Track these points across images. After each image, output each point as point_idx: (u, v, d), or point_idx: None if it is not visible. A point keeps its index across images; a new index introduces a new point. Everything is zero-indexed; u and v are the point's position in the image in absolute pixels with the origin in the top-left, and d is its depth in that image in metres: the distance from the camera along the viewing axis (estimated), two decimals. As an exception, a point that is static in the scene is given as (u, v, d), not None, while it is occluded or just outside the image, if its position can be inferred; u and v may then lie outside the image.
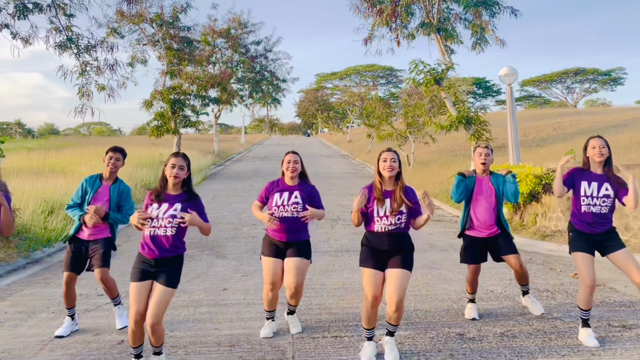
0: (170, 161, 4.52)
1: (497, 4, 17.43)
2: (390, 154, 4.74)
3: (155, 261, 4.35)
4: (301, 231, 5.32)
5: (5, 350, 5.16)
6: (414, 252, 4.75)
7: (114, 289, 5.70)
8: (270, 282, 5.24)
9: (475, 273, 5.84)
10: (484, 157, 5.68)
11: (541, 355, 4.65)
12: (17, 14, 10.47)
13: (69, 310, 5.64)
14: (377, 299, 4.59)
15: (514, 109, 14.34)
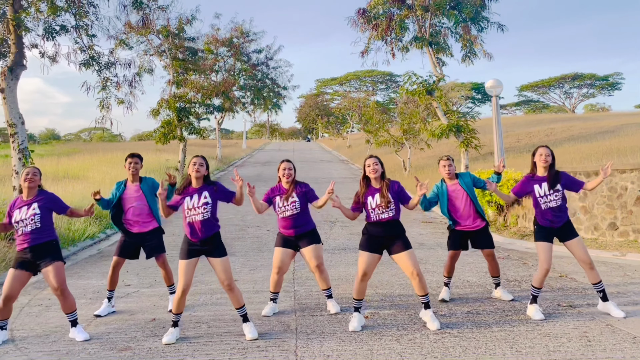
0: (192, 161, 5.74)
1: (485, 19, 18.56)
2: (372, 159, 5.97)
3: (200, 241, 5.56)
4: (307, 223, 6.43)
5: (58, 326, 6.25)
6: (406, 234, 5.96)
7: (172, 276, 6.83)
8: (277, 266, 6.38)
9: (453, 259, 6.95)
10: (447, 167, 6.82)
11: (496, 326, 5.75)
12: (46, 36, 11.65)
13: (109, 292, 6.75)
14: (366, 275, 5.83)
15: (499, 118, 15.42)
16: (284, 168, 6.45)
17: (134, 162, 6.77)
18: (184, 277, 5.49)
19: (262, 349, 5.25)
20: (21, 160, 11.27)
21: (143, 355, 5.15)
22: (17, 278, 5.63)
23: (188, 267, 5.53)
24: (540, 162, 6.21)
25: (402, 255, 5.80)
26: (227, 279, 5.58)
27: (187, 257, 5.56)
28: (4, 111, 11.31)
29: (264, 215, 15.29)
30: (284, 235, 6.48)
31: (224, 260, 5.63)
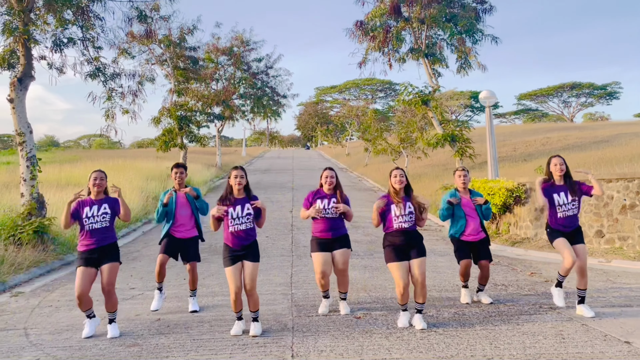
0: (233, 173, 6.21)
1: (480, 32, 19.06)
2: (399, 171, 6.42)
3: (241, 248, 6.03)
4: (341, 227, 6.87)
5: (69, 325, 6.65)
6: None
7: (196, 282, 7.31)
8: (321, 271, 6.74)
9: (467, 266, 7.32)
10: (463, 177, 7.28)
11: (479, 325, 6.17)
12: (55, 48, 12.10)
13: (158, 283, 7.27)
14: (407, 285, 6.17)
15: (492, 128, 15.85)
16: (326, 176, 6.87)
17: (179, 172, 7.26)
18: (233, 282, 5.99)
19: (261, 345, 5.65)
20: (29, 168, 11.67)
21: (150, 351, 5.55)
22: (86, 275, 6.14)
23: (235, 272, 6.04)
24: (555, 171, 6.68)
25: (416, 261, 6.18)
26: (253, 282, 6.04)
27: (231, 264, 6.03)
28: (13, 120, 11.72)
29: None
30: (319, 239, 6.83)
31: (256, 265, 6.15)
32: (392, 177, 6.39)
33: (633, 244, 10.73)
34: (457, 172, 7.45)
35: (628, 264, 9.90)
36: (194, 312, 7.13)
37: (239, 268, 6.04)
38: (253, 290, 6.05)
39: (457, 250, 7.38)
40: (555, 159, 6.80)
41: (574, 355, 5.12)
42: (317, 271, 6.81)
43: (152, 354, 5.45)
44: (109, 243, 6.34)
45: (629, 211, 10.88)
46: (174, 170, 7.28)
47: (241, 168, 6.31)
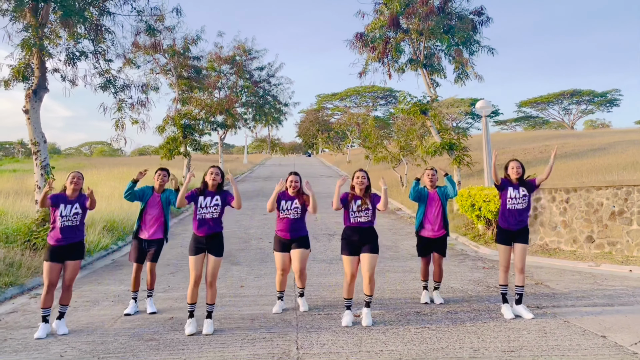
0: (210, 170, 6.88)
1: (477, 43, 19.62)
2: (361, 173, 7.13)
3: (205, 238, 6.60)
4: (301, 229, 7.43)
5: (89, 322, 7.16)
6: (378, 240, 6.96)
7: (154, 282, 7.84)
8: (281, 268, 7.39)
9: (426, 264, 8.02)
10: (431, 176, 7.95)
11: (469, 322, 6.67)
12: (68, 61, 12.68)
13: (133, 293, 7.72)
14: (354, 276, 6.82)
15: (488, 137, 16.37)
16: (290, 180, 7.49)
17: (162, 175, 7.84)
18: (194, 271, 6.61)
19: (268, 339, 6.16)
20: (43, 176, 12.21)
21: (167, 345, 6.06)
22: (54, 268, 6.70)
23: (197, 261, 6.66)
24: (512, 174, 7.30)
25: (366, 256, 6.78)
26: (213, 276, 6.66)
27: (195, 253, 6.66)
28: (28, 130, 12.27)
29: (266, 227, 16.25)
30: (280, 238, 7.47)
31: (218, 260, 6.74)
32: (354, 179, 7.13)
33: (621, 248, 11.22)
34: (426, 171, 8.13)
35: (616, 268, 10.37)
36: (152, 313, 7.60)
37: (202, 258, 6.64)
38: (214, 283, 6.65)
39: (417, 246, 8.04)
40: (512, 163, 7.44)
41: (552, 347, 5.62)
42: (278, 267, 7.44)
43: (168, 347, 5.95)
44: (77, 241, 6.91)
45: (617, 217, 11.37)
46: (158, 172, 7.86)
47: (218, 167, 6.96)
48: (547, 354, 5.40)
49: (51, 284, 6.67)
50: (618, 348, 5.56)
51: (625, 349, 5.53)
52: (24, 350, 5.99)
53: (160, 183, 7.82)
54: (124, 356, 5.69)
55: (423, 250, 7.98)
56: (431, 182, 7.97)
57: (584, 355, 5.34)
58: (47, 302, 6.68)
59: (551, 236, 12.71)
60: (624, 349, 5.52)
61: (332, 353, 5.61)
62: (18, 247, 11.15)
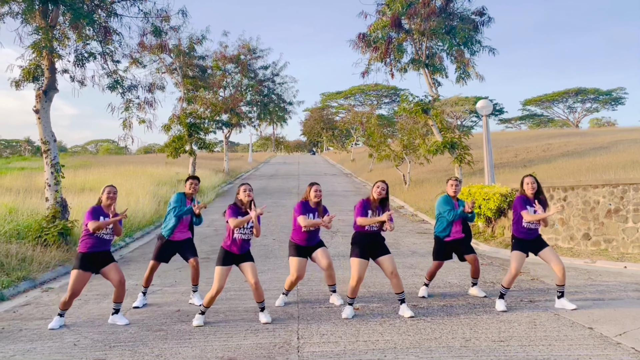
0: (242, 188, 6.95)
1: (478, 43, 19.87)
2: (382, 184, 7.24)
3: (240, 254, 6.83)
4: (318, 237, 7.73)
5: (100, 314, 7.49)
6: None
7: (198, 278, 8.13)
8: (298, 275, 7.55)
9: (437, 268, 8.22)
10: (454, 187, 8.12)
11: (464, 315, 6.97)
12: (77, 62, 13.02)
13: (144, 288, 8.04)
14: (361, 279, 7.01)
15: (489, 137, 16.63)
16: (315, 190, 7.58)
17: (194, 184, 8.12)
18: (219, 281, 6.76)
19: (271, 330, 6.48)
20: (53, 174, 12.54)
21: (174, 335, 6.38)
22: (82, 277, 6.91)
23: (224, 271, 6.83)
24: (527, 190, 7.44)
25: (386, 257, 7.04)
26: (256, 276, 6.84)
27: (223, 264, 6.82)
28: (38, 130, 12.62)
29: (269, 225, 16.56)
30: (298, 245, 7.62)
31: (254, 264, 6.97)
32: (374, 188, 7.24)
33: (617, 245, 11.48)
34: (450, 181, 8.27)
35: (611, 264, 10.63)
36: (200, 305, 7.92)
37: (229, 270, 6.84)
38: (259, 284, 6.85)
39: (437, 250, 8.20)
40: (527, 179, 7.52)
41: (541, 337, 5.91)
42: (293, 274, 7.57)
43: (176, 337, 6.27)
44: (106, 249, 7.14)
45: (613, 215, 11.62)
46: (190, 181, 8.12)
47: (248, 184, 7.11)
48: (534, 344, 5.69)
49: (74, 293, 6.84)
50: (603, 339, 5.84)
51: (610, 339, 5.81)
52: (38, 340, 6.32)
53: (192, 192, 8.08)
54: (134, 345, 6.01)
55: (440, 254, 8.15)
56: (454, 192, 8.12)
57: (570, 345, 5.62)
58: (66, 306, 6.95)
59: (549, 234, 12.96)
60: (608, 340, 5.80)
61: (331, 342, 5.92)
62: (29, 242, 11.49)
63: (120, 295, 7.04)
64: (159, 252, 8.00)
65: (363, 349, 5.67)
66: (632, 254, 11.09)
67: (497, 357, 5.29)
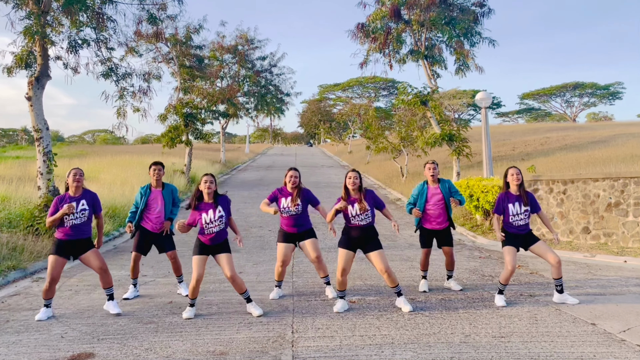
0: (204, 179, 6.72)
1: (478, 34, 19.63)
2: (353, 174, 6.93)
3: (213, 246, 6.62)
4: (305, 223, 7.48)
5: (89, 305, 7.30)
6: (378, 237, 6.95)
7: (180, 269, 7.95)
8: (282, 260, 7.43)
9: (427, 255, 8.01)
10: (432, 170, 7.87)
11: (462, 310, 6.80)
12: (70, 49, 12.76)
13: (133, 280, 7.83)
14: (345, 270, 6.81)
15: (487, 129, 16.44)
16: (291, 175, 7.45)
17: (157, 170, 7.80)
18: (197, 269, 6.56)
19: (265, 323, 6.30)
20: (45, 163, 12.33)
21: (165, 327, 6.20)
22: (58, 263, 6.68)
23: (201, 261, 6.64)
24: (512, 181, 7.24)
25: (375, 253, 6.80)
26: (232, 269, 6.61)
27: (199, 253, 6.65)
28: (31, 117, 12.38)
29: (265, 216, 16.37)
30: (285, 231, 7.50)
31: (229, 255, 6.73)
32: (346, 179, 6.92)
33: (617, 239, 11.33)
34: (427, 164, 8.00)
35: (611, 258, 10.48)
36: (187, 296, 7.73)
37: (205, 259, 6.65)
38: (235, 276, 6.62)
39: (420, 237, 8.06)
40: (512, 170, 7.32)
41: (542, 333, 5.74)
42: (279, 259, 7.47)
43: (167, 330, 6.09)
44: (85, 237, 6.85)
45: (614, 209, 11.47)
46: (153, 167, 7.79)
47: (212, 175, 6.84)
48: (536, 340, 5.52)
49: (53, 279, 6.63)
50: (607, 335, 5.68)
51: (614, 336, 5.65)
52: (25, 332, 6.13)
53: (157, 178, 7.78)
54: (123, 337, 5.83)
55: (426, 241, 7.98)
56: (432, 177, 7.88)
57: (573, 342, 5.46)
58: (49, 294, 6.74)
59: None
60: (612, 336, 5.64)
61: (327, 337, 5.74)
62: (21, 232, 11.30)
63: (106, 281, 6.85)
64: (137, 242, 7.77)
65: (359, 343, 5.50)
66: (633, 248, 10.95)
67: (498, 354, 5.12)
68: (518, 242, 7.23)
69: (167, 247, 7.78)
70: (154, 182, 7.82)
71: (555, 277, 7.11)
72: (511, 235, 7.22)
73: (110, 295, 6.92)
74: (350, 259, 6.86)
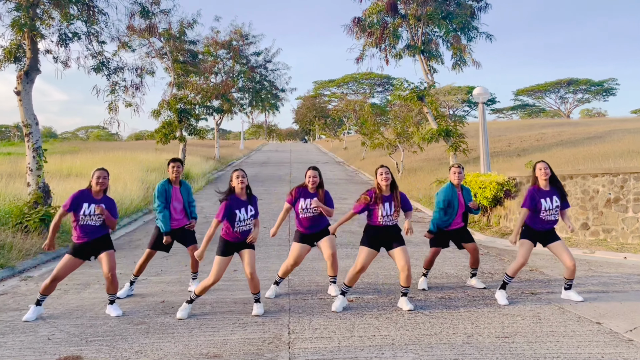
0: (235, 174, 6.51)
1: (475, 29, 19.44)
2: (384, 169, 6.67)
3: (240, 243, 6.43)
4: (322, 223, 7.23)
5: (79, 305, 7.07)
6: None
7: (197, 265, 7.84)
8: (295, 261, 7.19)
9: (435, 255, 7.82)
10: (458, 174, 7.67)
11: (463, 308, 6.61)
12: (60, 43, 12.48)
13: (134, 277, 7.66)
14: (364, 269, 6.61)
15: (485, 124, 16.24)
16: (309, 175, 7.15)
17: (177, 167, 7.60)
18: (217, 271, 6.36)
19: (260, 323, 6.09)
20: (35, 159, 12.06)
21: (157, 328, 5.98)
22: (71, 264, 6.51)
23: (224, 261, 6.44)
24: (541, 176, 6.95)
25: (399, 249, 6.59)
26: (253, 267, 6.40)
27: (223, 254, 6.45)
28: (20, 112, 12.10)
29: (262, 214, 16.13)
30: (302, 233, 7.23)
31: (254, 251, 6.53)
32: (377, 175, 6.66)
33: (616, 235, 11.18)
34: (452, 168, 7.79)
35: (610, 255, 10.33)
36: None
37: (229, 260, 6.45)
38: (255, 274, 6.42)
39: (434, 237, 7.78)
40: (540, 164, 7.00)
41: (547, 333, 5.56)
42: (291, 258, 7.19)
43: (158, 331, 5.87)
44: (101, 235, 6.66)
45: (613, 205, 11.32)
46: (172, 164, 7.60)
47: (242, 169, 6.69)
48: (541, 340, 5.34)
49: (58, 276, 6.45)
50: (613, 335, 5.50)
51: (621, 335, 5.47)
52: (11, 333, 5.90)
53: (176, 175, 7.60)
54: (113, 339, 5.60)
55: (438, 241, 7.75)
56: (458, 180, 7.64)
57: (579, 342, 5.28)
58: (48, 290, 6.53)
59: (547, 223, 12.65)
60: (619, 336, 5.46)
61: (324, 338, 5.54)
62: (10, 229, 11.03)
63: (110, 287, 6.61)
64: (155, 240, 7.58)
65: (358, 345, 5.30)
66: (632, 244, 10.80)
67: (503, 355, 4.92)
68: (538, 238, 7.00)
69: (189, 242, 7.65)
70: (172, 179, 7.64)
71: (568, 277, 6.93)
72: (532, 230, 6.96)
73: (111, 300, 6.71)
74: (372, 258, 6.64)
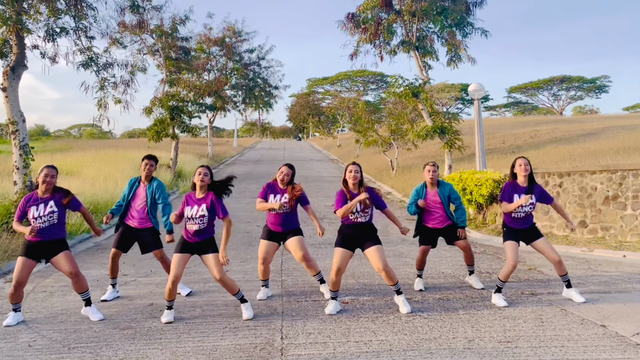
0: (198, 170, 6.27)
1: (470, 25, 19.22)
2: (354, 167, 6.45)
3: (196, 243, 6.17)
4: (293, 223, 6.99)
5: (63, 309, 6.81)
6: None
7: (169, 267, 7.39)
8: (262, 257, 6.96)
9: (424, 254, 7.56)
10: (432, 173, 7.40)
11: (462, 310, 6.39)
12: (47, 38, 12.17)
13: (112, 279, 7.33)
14: (340, 270, 6.36)
15: (480, 121, 16.05)
16: (282, 172, 6.95)
17: (149, 165, 7.31)
18: (175, 269, 6.09)
19: (252, 328, 5.84)
20: (22, 157, 11.77)
21: (144, 333, 5.73)
22: (28, 265, 6.16)
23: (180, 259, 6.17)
24: (520, 172, 6.77)
25: (373, 249, 6.32)
26: (220, 272, 6.14)
27: (180, 251, 6.20)
28: (6, 109, 11.80)
29: (254, 212, 15.89)
30: (270, 229, 7.02)
31: (217, 255, 6.24)
32: (347, 172, 6.46)
33: (615, 233, 11.01)
34: (426, 166, 7.55)
35: (609, 253, 10.15)
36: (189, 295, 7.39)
37: (186, 258, 6.20)
38: (224, 278, 6.17)
39: (419, 235, 7.57)
40: (520, 160, 6.85)
41: (551, 337, 5.34)
42: (259, 257, 7.00)
43: (145, 337, 5.62)
44: (58, 239, 6.29)
45: (611, 202, 11.14)
46: (145, 161, 7.31)
47: (207, 167, 6.42)
48: (545, 345, 5.12)
49: (19, 282, 6.08)
50: (620, 339, 5.29)
51: (627, 339, 5.26)
52: (-9, 339, 5.64)
53: (147, 173, 7.30)
54: (97, 346, 5.34)
55: (425, 239, 7.49)
56: (432, 179, 7.40)
57: (585, 347, 5.07)
58: (15, 299, 6.21)
59: (543, 221, 12.47)
60: (626, 340, 5.25)
61: (319, 343, 5.30)
62: (-5, 229, 10.74)
63: (79, 286, 6.30)
64: (117, 239, 7.30)
65: (355, 350, 5.06)
66: (631, 242, 10.63)
67: (505, 361, 4.71)
68: (520, 237, 6.82)
69: (152, 246, 7.25)
70: (143, 177, 7.35)
71: (560, 274, 6.76)
72: (512, 229, 6.81)
73: (86, 300, 6.40)
74: (347, 259, 6.39)
